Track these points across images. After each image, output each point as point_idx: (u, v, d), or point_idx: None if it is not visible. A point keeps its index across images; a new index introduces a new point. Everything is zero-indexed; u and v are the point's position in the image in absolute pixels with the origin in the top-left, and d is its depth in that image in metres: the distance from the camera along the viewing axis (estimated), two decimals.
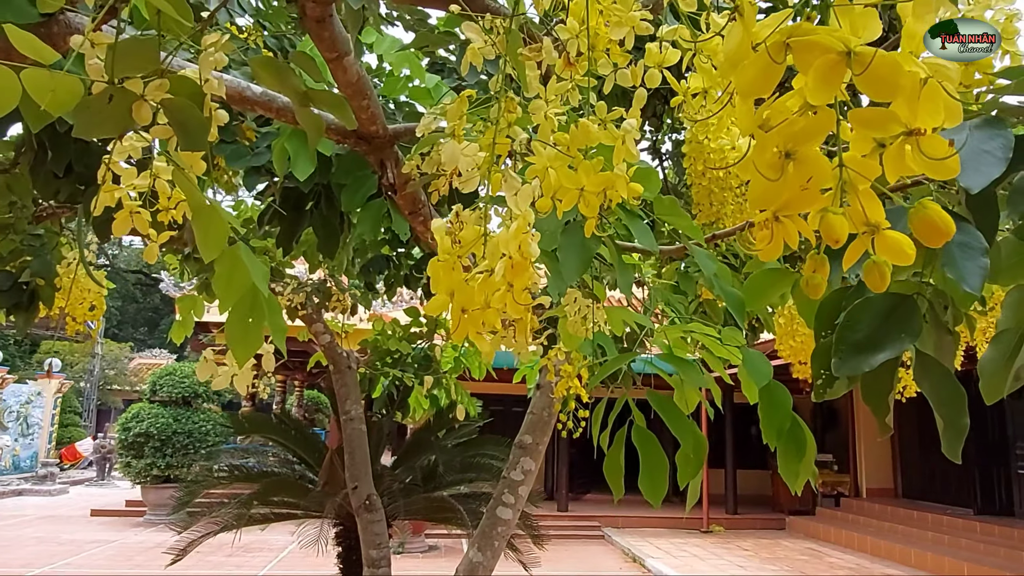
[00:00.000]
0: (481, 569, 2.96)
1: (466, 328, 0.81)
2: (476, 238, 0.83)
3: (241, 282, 0.98)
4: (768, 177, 0.44)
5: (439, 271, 0.81)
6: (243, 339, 0.98)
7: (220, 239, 0.98)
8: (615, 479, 1.42)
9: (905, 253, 0.47)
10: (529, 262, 0.78)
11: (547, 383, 3.19)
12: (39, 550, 10.10)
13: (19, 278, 2.77)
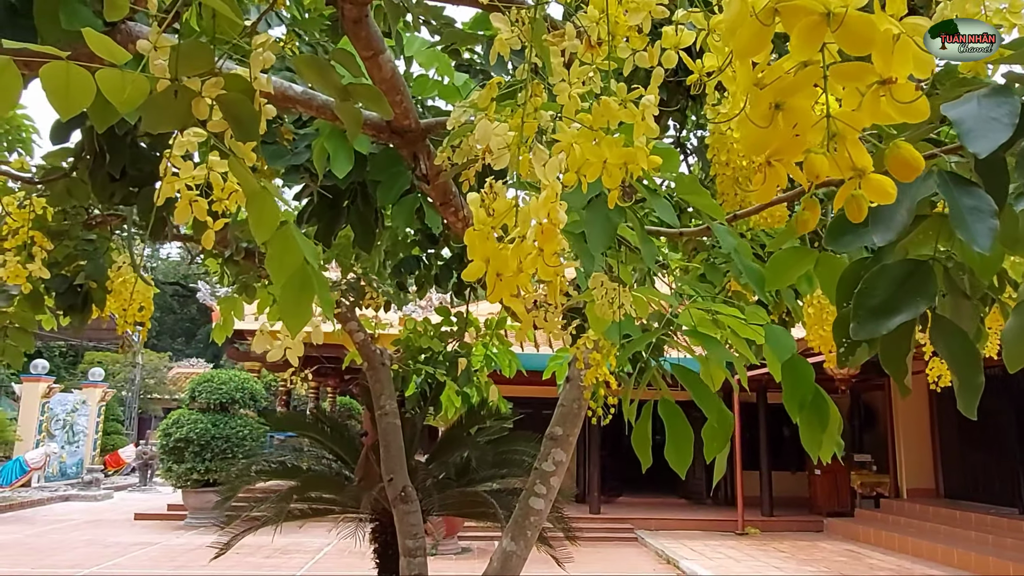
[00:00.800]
0: (515, 558, 3.02)
1: (501, 291, 0.88)
2: (508, 209, 0.90)
3: (293, 260, 1.06)
4: (760, 126, 0.51)
5: (475, 240, 0.88)
6: (295, 313, 1.06)
7: (273, 221, 1.07)
8: (643, 450, 1.47)
9: (888, 193, 0.53)
10: (558, 228, 0.85)
11: (576, 375, 3.25)
12: (87, 552, 10.42)
13: (74, 281, 2.92)
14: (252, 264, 3.55)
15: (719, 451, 1.58)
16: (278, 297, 1.07)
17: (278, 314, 3.35)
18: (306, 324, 1.08)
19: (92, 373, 21.42)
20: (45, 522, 13.45)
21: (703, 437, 1.57)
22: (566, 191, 0.92)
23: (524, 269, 0.85)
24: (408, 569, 3.17)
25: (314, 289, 1.07)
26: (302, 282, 1.06)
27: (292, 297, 1.06)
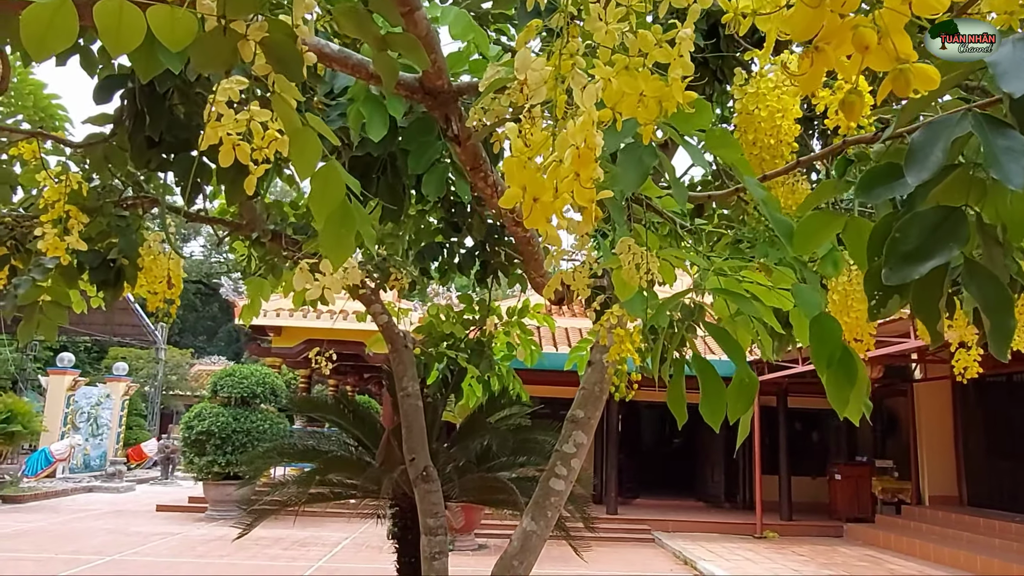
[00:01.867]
0: (535, 538, 3.02)
1: (537, 216, 0.90)
2: (544, 139, 0.93)
3: (334, 195, 1.09)
4: (809, 5, 0.52)
5: (512, 167, 0.91)
6: (336, 246, 1.09)
7: (314, 157, 1.10)
8: (678, 408, 1.48)
9: (931, 79, 0.55)
10: (594, 153, 0.87)
11: (598, 359, 3.26)
12: (109, 540, 10.59)
13: (107, 256, 2.99)
14: (278, 246, 3.60)
15: (743, 412, 1.58)
16: (320, 231, 1.10)
17: (301, 298, 3.37)
18: (348, 257, 1.11)
19: (116, 368, 21.78)
20: (69, 511, 13.68)
21: (728, 399, 1.58)
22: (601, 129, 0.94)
23: (560, 192, 0.88)
24: (429, 548, 3.19)
25: (355, 222, 1.10)
26: (343, 216, 1.09)
27: (334, 231, 1.09)
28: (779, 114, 2.16)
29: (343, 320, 14.56)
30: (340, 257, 1.09)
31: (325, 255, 1.10)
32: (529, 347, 4.64)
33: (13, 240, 3.36)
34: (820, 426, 15.85)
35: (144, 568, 8.76)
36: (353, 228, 1.10)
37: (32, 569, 8.37)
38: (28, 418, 14.71)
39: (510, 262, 4.12)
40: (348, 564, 9.26)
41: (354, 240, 1.12)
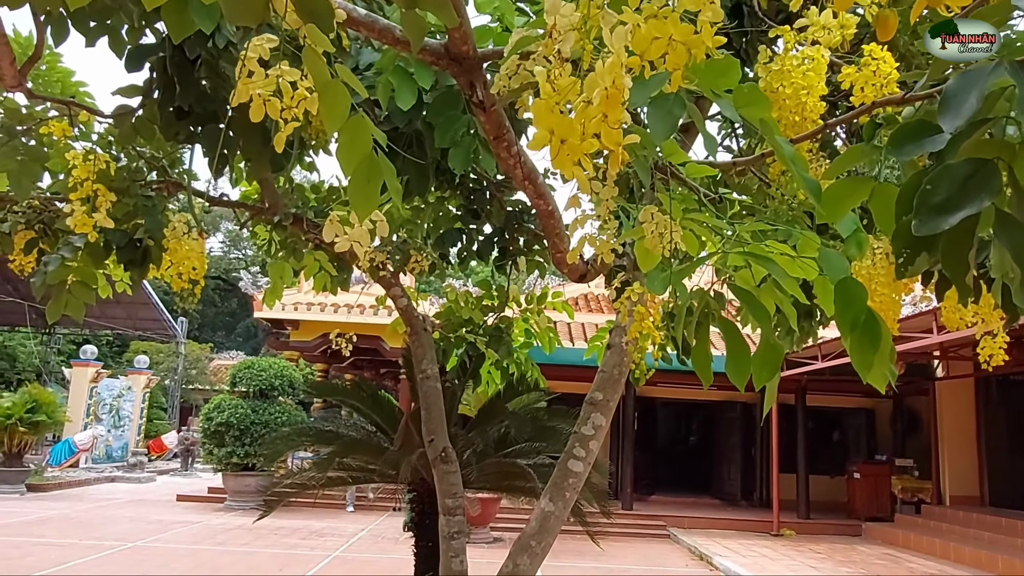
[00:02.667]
0: (553, 519, 3.03)
1: (565, 158, 0.91)
2: (572, 83, 0.93)
3: (362, 147, 1.11)
4: None
5: (541, 110, 0.92)
6: (364, 198, 1.11)
7: (344, 110, 1.12)
8: (703, 369, 1.48)
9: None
10: (622, 94, 0.88)
11: (617, 342, 3.25)
12: (131, 527, 10.75)
13: (134, 236, 3.04)
14: (300, 229, 3.64)
15: (768, 378, 1.58)
16: (348, 184, 1.12)
17: (322, 282, 3.43)
18: (374, 209, 1.12)
19: (137, 360, 22.09)
20: (92, 500, 13.90)
21: (753, 365, 1.58)
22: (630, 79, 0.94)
23: (588, 132, 0.88)
24: (448, 527, 3.21)
25: (381, 175, 1.11)
26: (370, 168, 1.10)
27: (361, 182, 1.10)
28: (804, 91, 2.14)
29: (360, 314, 14.67)
30: (367, 209, 1.10)
31: (352, 207, 1.12)
32: (547, 334, 4.65)
33: (41, 224, 3.43)
34: (839, 425, 15.71)
35: (166, 554, 8.88)
36: (380, 180, 1.11)
37: (57, 554, 8.52)
38: (52, 408, 14.95)
39: (529, 248, 4.13)
40: (365, 554, 9.33)
41: (379, 194, 1.14)
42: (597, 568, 9.31)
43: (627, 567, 9.52)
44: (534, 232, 4.08)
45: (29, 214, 3.36)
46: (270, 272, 3.86)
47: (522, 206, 4.03)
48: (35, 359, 29.62)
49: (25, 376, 26.28)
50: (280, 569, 8.20)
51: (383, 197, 1.21)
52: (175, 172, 3.34)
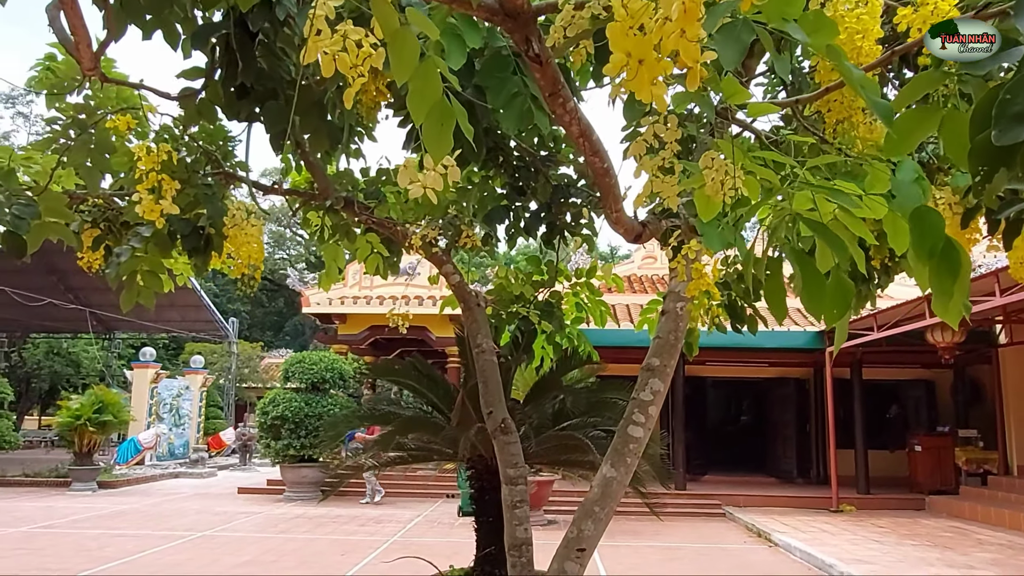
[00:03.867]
0: (615, 484, 3.05)
1: (643, 78, 0.92)
2: (644, 7, 0.94)
3: (433, 92, 1.14)
4: None
5: (617, 33, 0.93)
6: (438, 140, 1.14)
7: (413, 57, 1.15)
8: (778, 303, 1.47)
9: None
10: (699, 10, 0.88)
11: (672, 307, 3.24)
12: (198, 519, 11.15)
13: (197, 224, 3.15)
14: (351, 212, 3.71)
15: (839, 317, 1.56)
16: (422, 129, 1.15)
17: (374, 264, 3.49)
18: (447, 151, 1.15)
19: (193, 361, 22.80)
20: (159, 495, 14.46)
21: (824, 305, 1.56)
22: None
23: (665, 47, 0.89)
24: (511, 496, 3.25)
25: (454, 116, 1.14)
26: (443, 111, 1.13)
27: (434, 126, 1.13)
28: (859, 35, 2.10)
29: (405, 304, 14.85)
30: (441, 151, 1.13)
31: (427, 149, 1.15)
32: (598, 308, 4.65)
33: (106, 221, 3.57)
34: (897, 397, 15.29)
35: (233, 543, 9.19)
36: (452, 122, 1.14)
37: (132, 544, 8.89)
38: (117, 408, 15.56)
39: (576, 222, 4.13)
40: (422, 538, 9.49)
41: (452, 136, 1.17)
42: (652, 546, 9.30)
43: (683, 544, 9.48)
44: (581, 206, 4.08)
45: (95, 212, 3.50)
46: (325, 256, 3.95)
47: (568, 180, 4.03)
48: (98, 364, 30.84)
49: (89, 380, 27.39)
50: (342, 554, 8.41)
51: None
52: (227, 165, 3.44)
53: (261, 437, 14.12)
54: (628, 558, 8.42)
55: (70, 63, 3.17)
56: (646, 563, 8.24)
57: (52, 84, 3.21)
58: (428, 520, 11.26)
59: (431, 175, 1.17)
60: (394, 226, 3.65)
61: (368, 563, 7.92)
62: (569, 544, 3.06)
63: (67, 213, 2.86)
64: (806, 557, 8.30)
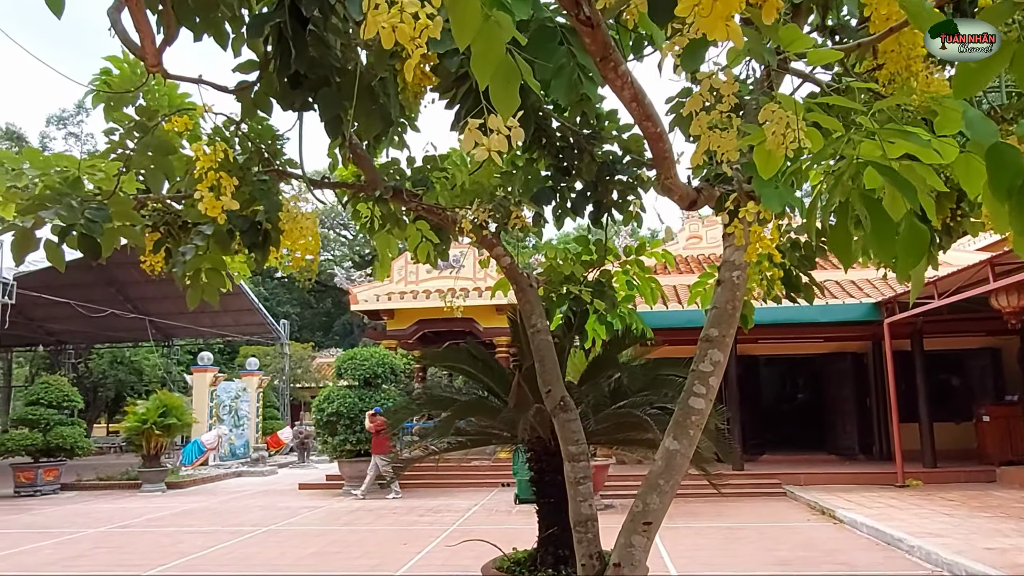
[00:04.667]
0: (679, 456, 3.03)
1: (716, 18, 0.92)
2: None
3: (497, 52, 1.15)
4: None
5: None
6: (504, 99, 1.15)
7: (474, 21, 1.16)
8: (843, 251, 1.44)
9: None
10: None
11: (728, 276, 3.20)
12: (264, 514, 11.50)
13: (255, 220, 3.23)
14: (400, 200, 3.76)
15: (914, 264, 1.52)
16: (489, 90, 1.16)
17: (425, 251, 3.52)
18: (514, 108, 1.16)
19: (248, 363, 23.44)
20: (224, 493, 14.94)
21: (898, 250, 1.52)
22: None
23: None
24: (574, 473, 3.27)
25: (518, 75, 1.15)
26: (508, 70, 1.14)
27: (500, 85, 1.14)
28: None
29: (451, 297, 14.97)
30: (508, 108, 1.14)
31: (495, 108, 1.16)
32: (649, 285, 4.61)
33: (165, 224, 3.70)
34: (961, 367, 14.76)
35: (299, 536, 9.45)
36: (517, 80, 1.15)
37: (203, 540, 9.23)
38: (181, 412, 16.13)
39: (623, 199, 4.11)
40: (481, 526, 9.58)
41: (518, 94, 1.17)
42: (713, 527, 9.21)
43: (745, 524, 9.36)
44: (628, 183, 4.05)
45: (154, 216, 3.63)
46: (377, 246, 4.01)
47: (613, 156, 4.00)
48: (159, 370, 32.00)
49: (152, 387, 28.40)
50: (404, 543, 8.57)
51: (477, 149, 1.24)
52: (276, 163, 3.53)
53: (318, 434, 14.46)
54: (689, 539, 8.36)
55: (125, 74, 3.29)
56: (708, 543, 8.17)
57: (109, 97, 3.34)
58: (485, 509, 11.37)
59: (496, 138, 1.18)
60: (443, 212, 3.69)
61: (430, 551, 8.06)
62: (635, 518, 3.06)
63: (134, 216, 2.98)
64: (874, 533, 8.11)
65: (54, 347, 30.01)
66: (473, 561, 7.13)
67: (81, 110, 43.35)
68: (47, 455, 15.61)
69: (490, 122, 1.17)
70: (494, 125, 1.17)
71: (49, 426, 15.62)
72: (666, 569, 6.82)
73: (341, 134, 2.28)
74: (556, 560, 4.36)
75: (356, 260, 41.28)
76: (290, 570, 7.36)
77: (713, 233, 15.89)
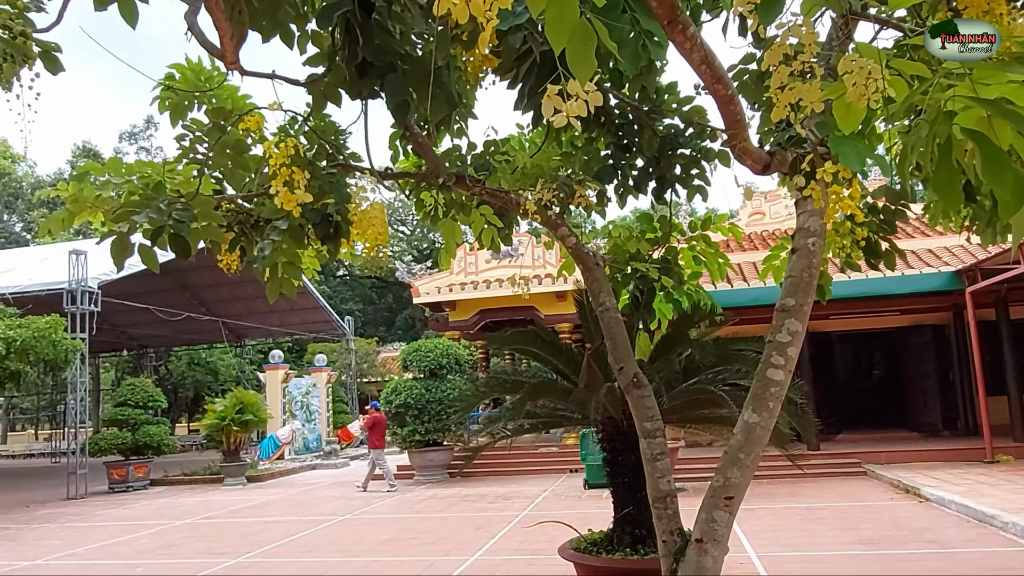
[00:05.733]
0: (759, 429, 2.97)
1: None
2: None
3: (571, 16, 1.14)
4: None
5: None
6: (582, 63, 1.15)
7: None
8: (948, 192, 1.38)
9: None
10: None
11: (803, 244, 3.11)
12: (339, 504, 11.86)
13: (326, 213, 3.33)
14: (464, 187, 3.79)
15: (1016, 209, 1.44)
16: (566, 54, 1.16)
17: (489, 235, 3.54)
18: (592, 71, 1.16)
19: (317, 359, 24.14)
20: (301, 485, 15.48)
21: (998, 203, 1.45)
22: None
23: None
24: (650, 450, 3.25)
25: (594, 38, 1.14)
26: (584, 33, 1.14)
27: (578, 48, 1.14)
28: None
29: (512, 287, 15.05)
30: (586, 72, 1.14)
31: (573, 71, 1.16)
32: (716, 260, 4.53)
33: (239, 224, 3.84)
34: None
35: (374, 524, 9.72)
36: (593, 43, 1.15)
37: (284, 529, 9.60)
38: (256, 408, 16.77)
39: (687, 173, 4.03)
40: (551, 511, 9.63)
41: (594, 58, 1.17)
42: (791, 507, 9.01)
43: (824, 504, 9.11)
44: (691, 156, 3.97)
45: (229, 217, 3.78)
46: (442, 233, 4.07)
47: (675, 130, 3.93)
48: (233, 370, 33.34)
49: (227, 386, 29.61)
50: (477, 528, 8.69)
51: None
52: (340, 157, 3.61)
53: (388, 424, 14.79)
54: (765, 520, 8.20)
55: (189, 80, 3.43)
56: (786, 524, 7.99)
57: (174, 103, 3.49)
58: (555, 494, 11.43)
59: (575, 103, 1.18)
60: (506, 195, 3.70)
61: (503, 535, 8.15)
62: (716, 493, 3.03)
63: (216, 215, 3.10)
64: (963, 510, 7.77)
65: (136, 351, 31.66)
66: (547, 545, 7.18)
67: (150, 125, 45.34)
68: (136, 453, 16.50)
69: (569, 87, 1.17)
70: (573, 90, 1.17)
71: (137, 425, 16.50)
72: (743, 550, 6.71)
73: (406, 120, 2.31)
74: (633, 540, 4.35)
75: (416, 255, 41.91)
76: (368, 556, 7.57)
77: (776, 208, 15.44)
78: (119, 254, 2.58)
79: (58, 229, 3.18)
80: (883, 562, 6.05)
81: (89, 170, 3.38)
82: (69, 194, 3.34)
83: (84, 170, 3.37)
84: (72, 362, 14.50)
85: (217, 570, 7.31)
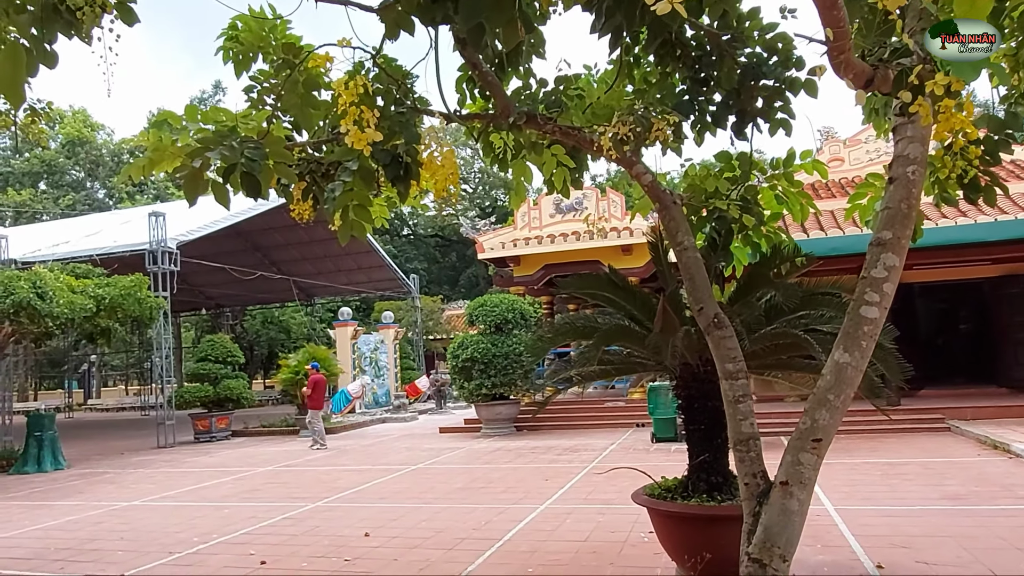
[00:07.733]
0: (849, 369, 2.82)
1: None
2: None
3: None
4: None
5: None
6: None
7: None
8: None
9: None
10: None
11: (901, 173, 2.88)
12: (410, 455, 12.20)
13: (396, 154, 3.29)
14: (535, 126, 3.68)
15: None
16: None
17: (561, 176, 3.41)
18: None
19: (384, 316, 24.66)
20: (372, 437, 15.99)
21: None
22: None
23: None
24: (732, 391, 3.14)
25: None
26: None
27: None
28: None
29: (576, 240, 14.88)
30: None
31: None
32: (799, 200, 4.30)
33: (310, 173, 3.84)
34: None
35: (444, 473, 9.95)
36: None
37: (358, 477, 9.95)
38: (328, 362, 17.32)
39: (769, 106, 3.80)
40: (619, 463, 9.63)
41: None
42: (871, 463, 8.72)
43: (907, 460, 8.78)
44: (774, 87, 3.74)
45: (300, 165, 3.79)
46: (513, 174, 3.99)
47: (758, 59, 3.70)
48: (304, 328, 34.51)
49: (299, 343, 30.69)
50: (545, 479, 8.78)
51: None
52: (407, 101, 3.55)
53: (454, 380, 15.03)
54: (844, 474, 7.98)
55: (253, 30, 3.41)
56: (866, 479, 7.75)
57: (239, 52, 3.49)
58: (623, 447, 11.42)
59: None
60: (579, 133, 3.58)
61: (572, 485, 8.21)
62: (803, 435, 2.91)
63: (287, 154, 3.10)
64: None
65: (214, 310, 33.10)
66: (616, 495, 7.19)
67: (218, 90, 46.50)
68: (217, 406, 17.36)
69: None
70: None
71: (218, 379, 17.32)
72: (820, 503, 6.54)
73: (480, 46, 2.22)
74: (709, 487, 4.27)
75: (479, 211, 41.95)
76: (440, 503, 7.76)
77: (856, 154, 14.63)
78: (191, 190, 2.61)
79: (138, 175, 3.25)
80: (972, 517, 5.78)
81: (167, 118, 3.43)
82: (149, 142, 3.40)
83: (162, 118, 3.42)
84: (156, 319, 15.25)
85: (297, 513, 7.65)
